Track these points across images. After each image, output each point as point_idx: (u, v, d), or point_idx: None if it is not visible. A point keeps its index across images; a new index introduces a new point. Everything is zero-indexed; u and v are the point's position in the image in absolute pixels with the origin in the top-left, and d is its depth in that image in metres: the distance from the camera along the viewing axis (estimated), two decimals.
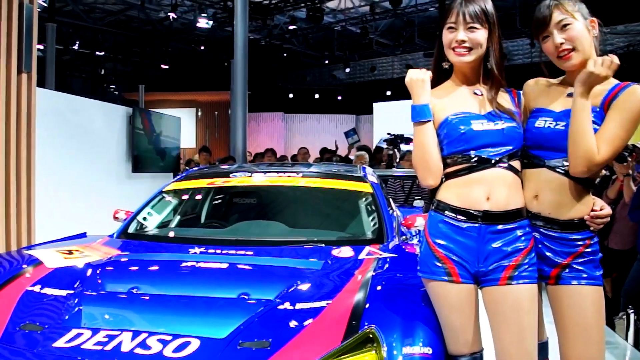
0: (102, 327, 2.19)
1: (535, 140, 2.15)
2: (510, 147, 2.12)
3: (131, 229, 3.56)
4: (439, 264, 2.11)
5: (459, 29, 2.12)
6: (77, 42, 20.89)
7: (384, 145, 9.70)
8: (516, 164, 2.14)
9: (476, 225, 2.08)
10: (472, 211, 2.08)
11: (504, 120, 2.13)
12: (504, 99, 2.21)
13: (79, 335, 2.14)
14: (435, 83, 2.26)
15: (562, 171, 2.08)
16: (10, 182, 4.44)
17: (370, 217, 3.52)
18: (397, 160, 8.86)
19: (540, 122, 2.15)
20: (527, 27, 16.96)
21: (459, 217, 2.10)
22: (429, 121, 2.14)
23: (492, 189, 2.08)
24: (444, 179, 2.17)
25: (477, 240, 2.08)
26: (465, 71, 2.21)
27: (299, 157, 9.32)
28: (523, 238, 2.09)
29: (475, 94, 2.20)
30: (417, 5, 17.77)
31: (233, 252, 2.95)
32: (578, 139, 1.99)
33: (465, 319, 2.11)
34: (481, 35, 2.12)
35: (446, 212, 2.12)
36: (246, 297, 2.38)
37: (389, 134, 9.43)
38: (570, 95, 2.08)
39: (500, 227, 2.08)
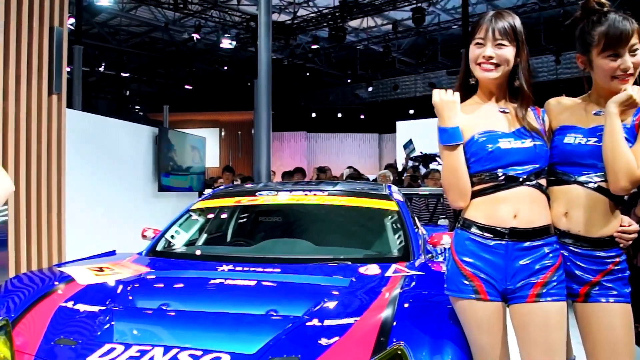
0: (134, 342, 2.22)
1: (563, 157, 2.15)
2: (537, 165, 2.12)
3: (159, 247, 3.60)
4: (467, 282, 2.10)
5: (487, 44, 2.13)
6: (103, 64, 21.30)
7: (410, 163, 9.70)
8: (543, 181, 2.14)
9: (503, 242, 2.07)
10: (498, 228, 2.08)
11: (531, 138, 2.13)
12: (530, 117, 2.21)
13: (111, 350, 2.18)
14: (460, 100, 2.28)
15: (593, 187, 2.09)
16: (41, 200, 4.54)
17: (396, 235, 3.53)
18: (422, 178, 8.86)
19: (569, 139, 2.15)
20: (552, 43, 16.88)
21: (486, 234, 2.09)
22: (460, 144, 2.14)
23: (519, 206, 2.08)
24: (470, 197, 2.17)
25: (505, 258, 2.07)
26: (491, 88, 2.22)
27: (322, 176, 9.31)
28: (551, 255, 2.08)
29: (501, 111, 2.20)
30: (439, 23, 17.85)
31: (260, 269, 2.97)
32: (616, 155, 2.00)
33: (493, 337, 2.10)
34: (509, 52, 2.13)
35: (473, 230, 2.12)
36: (274, 313, 2.40)
37: (421, 152, 9.46)
38: (596, 113, 2.09)
39: (527, 244, 2.07)
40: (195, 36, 17.59)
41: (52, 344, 2.26)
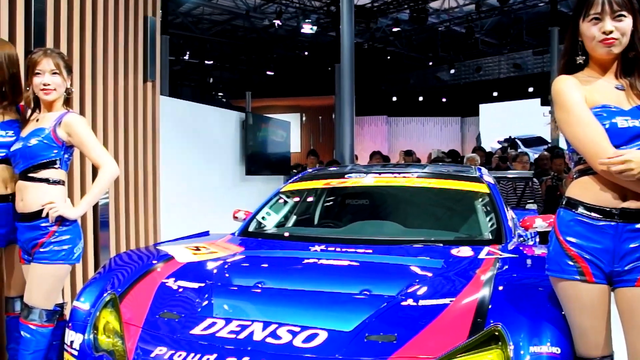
0: (233, 318, 2.31)
1: None
2: None
3: (251, 228, 3.70)
4: (571, 263, 2.03)
5: (604, 19, 2.01)
6: (187, 53, 21.92)
7: (498, 145, 9.54)
8: None
9: (613, 223, 1.98)
10: (608, 209, 1.98)
11: None
12: None
13: (213, 324, 2.27)
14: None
15: None
16: (138, 183, 4.75)
17: (488, 218, 3.47)
18: (510, 161, 8.67)
19: None
20: None
21: (594, 214, 2.00)
22: None
23: (630, 187, 1.95)
24: (576, 175, 2.09)
25: (614, 239, 1.98)
26: (605, 63, 2.11)
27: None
28: None
29: (617, 88, 2.08)
30: (525, 1, 17.25)
31: (352, 250, 3.00)
32: None
33: (597, 321, 2.03)
34: (627, 24, 2.01)
35: (579, 210, 2.04)
36: (368, 293, 2.42)
37: (510, 136, 9.26)
38: None
39: (638, 225, 1.96)
40: (277, 22, 17.78)
41: (156, 317, 2.39)
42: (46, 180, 2.78)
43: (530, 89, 21.59)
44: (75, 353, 2.41)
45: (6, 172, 2.84)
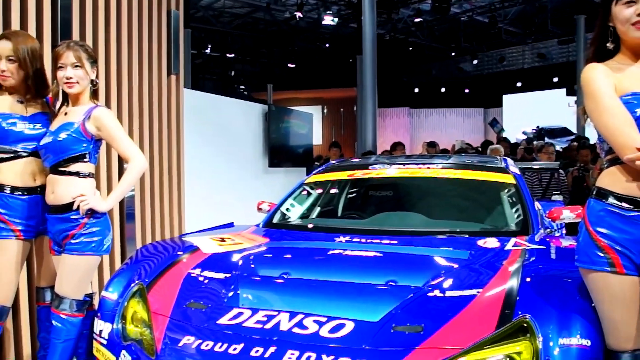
0: (260, 308, 2.33)
1: None
2: None
3: (276, 219, 3.71)
4: (601, 254, 2.01)
5: (638, 1, 1.98)
6: (209, 46, 22.00)
7: (523, 136, 9.43)
8: None
9: None
10: (639, 199, 1.95)
11: None
12: None
13: (239, 314, 2.29)
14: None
15: None
16: (163, 176, 4.80)
17: (514, 209, 3.44)
18: (535, 152, 8.59)
19: None
20: None
21: (624, 204, 1.98)
22: None
23: None
24: (606, 165, 2.07)
25: None
26: (638, 50, 2.07)
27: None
28: None
29: None
30: None
31: (377, 241, 3.00)
32: None
33: (628, 313, 2.00)
34: None
35: (609, 200, 2.01)
36: (394, 284, 2.42)
37: (537, 126, 9.17)
38: None
39: None
40: (297, 14, 17.73)
41: (183, 307, 2.42)
42: (76, 174, 2.81)
43: (555, 79, 21.34)
44: (104, 342, 2.45)
45: (35, 164, 2.87)
